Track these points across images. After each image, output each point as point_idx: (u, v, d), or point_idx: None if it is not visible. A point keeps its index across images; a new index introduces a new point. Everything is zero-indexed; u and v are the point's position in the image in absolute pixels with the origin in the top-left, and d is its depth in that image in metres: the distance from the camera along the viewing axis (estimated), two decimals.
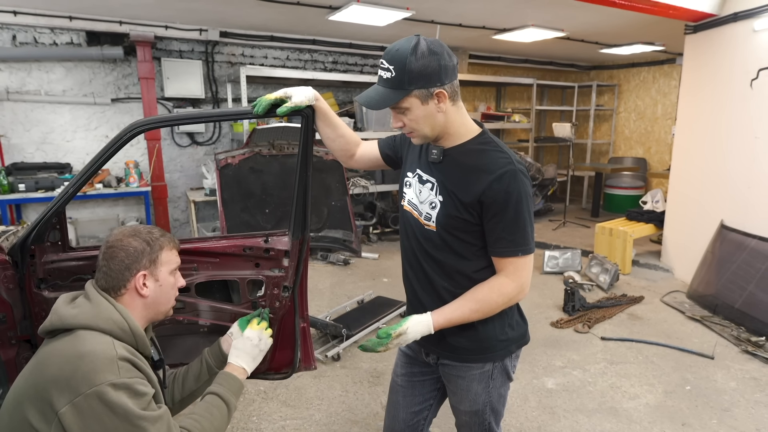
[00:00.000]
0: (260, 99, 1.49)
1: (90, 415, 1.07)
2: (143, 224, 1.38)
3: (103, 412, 1.08)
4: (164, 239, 1.38)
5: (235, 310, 1.86)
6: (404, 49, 1.24)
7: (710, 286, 4.16)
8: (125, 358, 1.16)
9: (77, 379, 1.08)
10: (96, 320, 1.20)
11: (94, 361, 1.11)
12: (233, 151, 3.14)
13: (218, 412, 1.34)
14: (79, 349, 1.13)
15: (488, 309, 1.36)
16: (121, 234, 1.33)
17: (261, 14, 4.78)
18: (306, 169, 1.69)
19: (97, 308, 1.22)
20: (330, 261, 5.29)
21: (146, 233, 1.36)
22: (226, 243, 1.83)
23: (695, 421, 2.66)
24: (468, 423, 1.57)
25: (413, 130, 1.34)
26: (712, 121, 4.49)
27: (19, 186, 4.70)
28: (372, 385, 2.96)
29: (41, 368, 1.15)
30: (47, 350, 1.19)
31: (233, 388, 1.42)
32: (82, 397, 1.07)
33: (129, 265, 1.29)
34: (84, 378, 1.08)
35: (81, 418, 1.07)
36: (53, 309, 1.24)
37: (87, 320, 1.19)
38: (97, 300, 1.24)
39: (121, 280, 1.29)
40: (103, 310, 1.22)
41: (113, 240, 1.32)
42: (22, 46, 4.90)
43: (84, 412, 1.07)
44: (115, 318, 1.23)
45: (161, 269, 1.35)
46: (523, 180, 1.31)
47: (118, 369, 1.12)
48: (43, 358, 1.18)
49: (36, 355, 1.22)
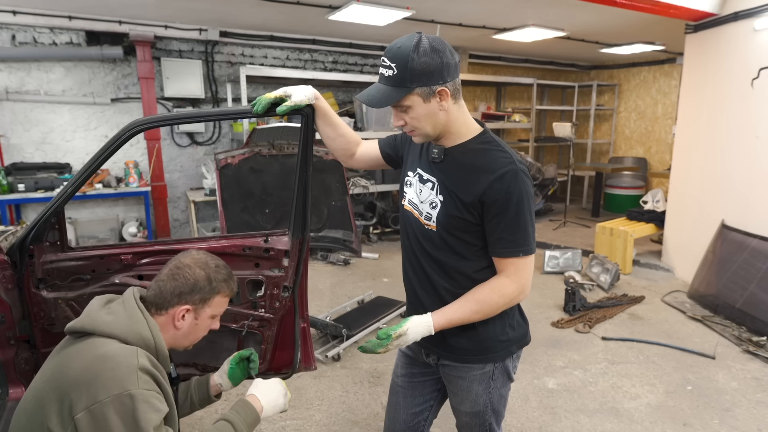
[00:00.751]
0: (260, 98, 1.48)
1: (103, 424, 1.06)
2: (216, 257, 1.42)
3: (116, 421, 1.07)
4: (224, 284, 1.38)
5: (235, 310, 1.86)
6: (406, 46, 1.22)
7: (711, 285, 4.15)
8: (146, 369, 1.16)
9: (97, 386, 1.08)
10: (126, 333, 1.20)
11: (116, 369, 1.11)
12: (233, 151, 3.14)
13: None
14: (102, 355, 1.13)
15: (489, 310, 1.35)
16: (194, 260, 1.36)
17: (261, 14, 4.78)
18: (306, 168, 1.68)
19: (130, 320, 1.21)
20: (330, 261, 5.28)
21: (214, 270, 1.37)
22: (225, 243, 1.82)
23: (696, 422, 2.65)
24: (469, 424, 1.56)
25: (415, 128, 1.33)
26: (712, 121, 4.48)
27: (18, 186, 4.70)
28: (372, 385, 2.95)
29: (63, 370, 1.14)
30: (70, 351, 1.17)
31: (248, 420, 1.36)
32: (98, 405, 1.06)
33: (182, 294, 1.31)
34: (103, 385, 1.08)
35: (95, 425, 1.06)
36: (87, 310, 1.23)
37: (118, 331, 1.19)
38: (133, 311, 1.23)
39: (168, 302, 1.30)
40: (135, 323, 1.22)
41: (185, 262, 1.34)
42: (22, 45, 4.90)
43: (98, 420, 1.06)
44: (145, 335, 1.22)
45: (206, 311, 1.36)
46: (525, 180, 1.30)
47: (137, 380, 1.11)
48: (66, 359, 1.16)
49: (57, 354, 1.20)
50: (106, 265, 1.79)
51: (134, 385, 1.10)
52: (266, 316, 1.86)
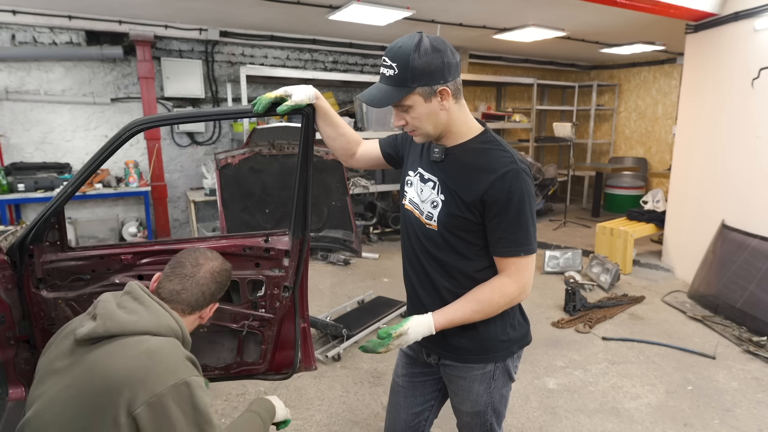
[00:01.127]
0: (260, 98, 1.48)
1: (163, 415, 1.08)
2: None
3: (176, 411, 1.09)
4: None
5: (235, 310, 1.85)
6: (407, 46, 1.22)
7: (711, 285, 4.15)
8: (190, 358, 1.20)
9: (152, 379, 1.08)
10: (157, 328, 1.20)
11: (165, 361, 1.13)
12: (233, 151, 3.13)
13: (256, 428, 1.41)
14: (148, 350, 1.14)
15: (490, 309, 1.35)
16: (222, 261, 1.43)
17: (261, 14, 4.77)
18: (306, 168, 1.68)
19: (155, 315, 1.22)
20: (330, 261, 5.28)
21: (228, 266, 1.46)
22: (226, 243, 1.82)
23: (697, 422, 2.65)
24: (469, 424, 1.56)
25: (416, 128, 1.32)
26: (713, 121, 4.48)
27: (18, 186, 4.69)
28: (373, 385, 2.95)
29: (103, 374, 1.10)
30: (100, 356, 1.13)
31: (270, 413, 1.49)
32: (157, 397, 1.07)
33: (219, 291, 1.40)
34: (159, 377, 1.09)
35: (155, 418, 1.07)
36: (106, 314, 1.18)
37: (149, 326, 1.19)
38: (154, 307, 1.23)
39: (206, 303, 1.36)
40: (161, 318, 1.23)
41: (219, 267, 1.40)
42: (22, 45, 4.89)
43: (158, 412, 1.07)
44: (173, 326, 1.24)
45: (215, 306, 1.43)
46: (526, 179, 1.30)
47: (186, 367, 1.15)
48: (100, 364, 1.12)
49: (79, 363, 1.14)
50: (106, 265, 1.78)
51: (187, 373, 1.14)
52: (266, 316, 1.86)
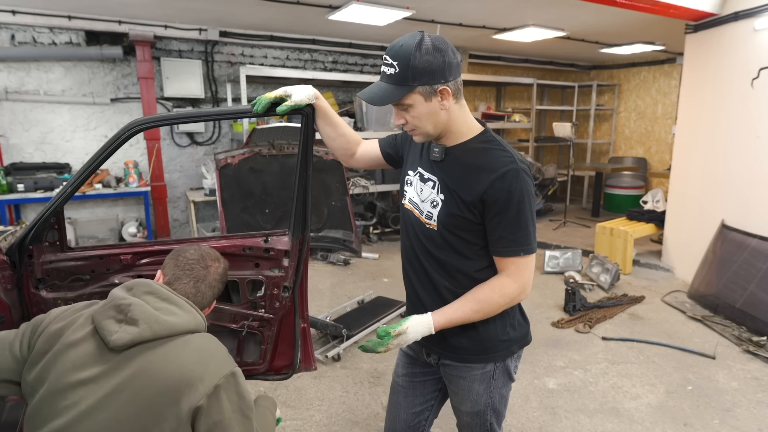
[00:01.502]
0: (260, 98, 1.48)
1: (217, 405, 1.12)
2: None
3: (225, 402, 1.14)
4: None
5: (235, 310, 1.85)
6: (408, 45, 1.22)
7: (711, 285, 4.15)
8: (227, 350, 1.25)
9: (210, 374, 1.13)
10: (196, 325, 1.24)
11: (214, 355, 1.19)
12: (233, 151, 3.13)
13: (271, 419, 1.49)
14: (199, 348, 1.18)
15: (489, 309, 1.35)
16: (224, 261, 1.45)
17: (261, 14, 4.77)
18: (306, 168, 1.68)
19: (191, 314, 1.25)
20: (330, 261, 5.28)
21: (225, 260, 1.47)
22: (225, 243, 1.81)
23: (697, 422, 2.65)
24: (469, 424, 1.56)
25: (416, 127, 1.33)
26: (712, 121, 4.48)
27: (18, 186, 4.69)
28: (372, 385, 2.95)
29: (154, 379, 1.10)
30: (152, 359, 1.12)
31: (273, 408, 1.55)
32: (214, 389, 1.12)
33: (219, 290, 1.42)
34: (214, 372, 1.14)
35: (211, 409, 1.11)
36: (147, 318, 1.14)
37: (189, 326, 1.22)
38: (187, 307, 1.26)
39: (211, 299, 1.39)
40: (194, 316, 1.26)
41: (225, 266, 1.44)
42: (21, 45, 4.89)
43: (215, 401, 1.12)
44: (203, 323, 1.28)
45: None
46: (526, 179, 1.30)
47: (231, 359, 1.22)
48: (153, 367, 1.11)
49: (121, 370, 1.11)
50: (106, 266, 1.78)
51: (234, 365, 1.20)
52: (266, 316, 1.86)
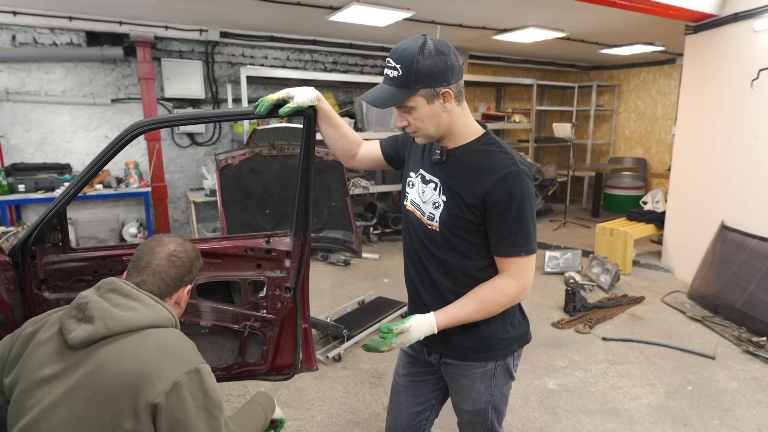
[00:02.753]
0: (262, 99, 1.48)
1: (178, 402, 1.09)
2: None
3: (188, 398, 1.11)
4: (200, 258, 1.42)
5: (237, 311, 1.86)
6: (411, 48, 1.24)
7: (711, 286, 4.16)
8: (194, 345, 1.22)
9: (169, 369, 1.10)
10: (158, 319, 1.21)
11: (177, 351, 1.15)
12: (233, 152, 3.13)
13: (259, 420, 1.46)
14: (159, 342, 1.15)
15: (491, 309, 1.36)
16: (178, 244, 1.35)
17: (261, 14, 4.78)
18: (308, 169, 1.69)
19: (152, 309, 1.21)
20: (330, 262, 5.29)
21: (191, 245, 1.39)
22: (227, 244, 1.82)
23: (697, 422, 2.66)
24: (470, 422, 1.57)
25: (418, 129, 1.34)
26: (712, 122, 4.48)
27: (18, 187, 4.69)
28: (373, 386, 2.96)
29: (110, 375, 1.09)
30: (108, 354, 1.11)
31: (270, 406, 1.54)
32: (174, 386, 1.09)
33: (184, 276, 1.33)
34: (174, 367, 1.11)
35: (171, 405, 1.08)
36: (102, 314, 1.14)
37: (149, 320, 1.19)
38: (148, 301, 1.23)
39: (173, 288, 1.31)
40: (158, 310, 1.22)
41: (175, 250, 1.33)
42: (22, 46, 4.90)
43: (173, 400, 1.09)
44: (169, 316, 1.25)
45: (188, 288, 1.38)
46: (527, 181, 1.32)
47: (196, 355, 1.18)
48: (109, 362, 1.10)
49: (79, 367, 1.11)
50: (108, 266, 1.79)
51: (197, 360, 1.17)
52: (268, 316, 1.87)
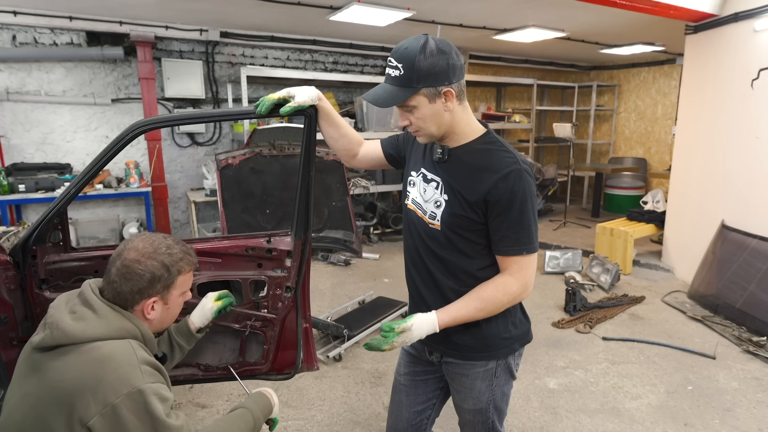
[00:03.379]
0: (263, 99, 1.48)
1: (118, 425, 1.05)
2: (161, 236, 1.32)
3: (131, 419, 1.06)
4: (183, 263, 1.30)
5: (238, 310, 1.86)
6: (413, 47, 1.24)
7: (711, 286, 4.16)
8: (146, 361, 1.15)
9: (104, 389, 1.06)
10: (108, 331, 1.15)
11: (117, 369, 1.09)
12: (234, 152, 3.13)
13: (245, 426, 1.36)
14: (100, 357, 1.10)
15: (493, 308, 1.36)
16: (140, 253, 1.24)
17: (261, 14, 4.78)
18: (309, 169, 1.68)
19: (105, 319, 1.16)
20: (331, 261, 5.29)
21: (166, 253, 1.27)
22: (228, 243, 1.82)
23: (697, 421, 2.66)
24: (471, 421, 1.57)
25: (420, 128, 1.34)
26: (712, 121, 4.49)
27: (19, 186, 4.69)
28: (374, 385, 2.96)
29: (57, 384, 1.08)
30: (56, 365, 1.10)
31: (264, 409, 1.46)
32: (110, 407, 1.05)
33: (142, 290, 1.23)
34: (111, 386, 1.06)
35: (110, 428, 1.05)
36: (54, 323, 1.13)
37: (98, 333, 1.14)
38: (103, 310, 1.18)
39: (130, 301, 1.23)
40: (111, 321, 1.17)
41: (131, 259, 1.23)
42: (22, 46, 4.89)
43: (112, 422, 1.05)
44: (128, 327, 1.19)
45: (173, 293, 1.30)
46: (528, 180, 1.32)
47: (141, 374, 1.10)
48: (55, 373, 1.10)
49: (35, 372, 1.12)
50: None
51: (140, 380, 1.09)
52: (269, 316, 1.87)
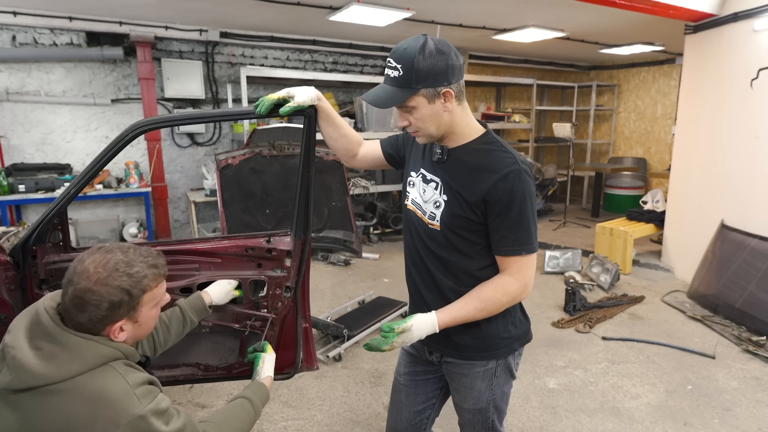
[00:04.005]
0: (263, 99, 1.48)
1: None
2: (119, 250, 1.15)
3: None
4: (147, 280, 1.15)
5: (238, 310, 1.86)
6: (412, 48, 1.24)
7: (711, 285, 4.16)
8: (138, 382, 1.08)
9: (101, 425, 1.01)
10: (86, 365, 1.05)
11: (113, 402, 1.03)
12: (234, 152, 3.14)
13: (246, 415, 1.36)
14: (89, 398, 1.02)
15: (493, 308, 1.37)
16: (92, 280, 1.08)
17: (261, 14, 4.78)
18: (308, 169, 1.69)
19: (79, 353, 1.05)
20: (331, 261, 5.29)
21: (124, 274, 1.11)
22: (228, 243, 1.82)
23: (697, 421, 2.66)
24: (471, 421, 1.57)
25: (419, 129, 1.34)
26: (712, 121, 4.49)
27: (19, 187, 4.70)
28: (374, 385, 2.96)
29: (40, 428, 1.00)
30: (35, 408, 1.01)
31: (263, 398, 1.45)
32: None
33: (103, 318, 1.09)
34: (109, 421, 1.01)
35: None
36: (18, 365, 1.01)
37: (76, 370, 1.04)
38: (72, 344, 1.06)
39: (93, 330, 1.10)
40: (86, 352, 1.06)
41: (81, 289, 1.07)
42: (22, 46, 4.90)
43: None
44: (104, 352, 1.09)
45: (142, 311, 1.16)
46: (528, 180, 1.32)
47: (138, 400, 1.05)
48: (36, 417, 1.01)
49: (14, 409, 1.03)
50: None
51: (138, 407, 1.04)
52: (268, 316, 1.87)
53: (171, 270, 1.81)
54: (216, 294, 1.71)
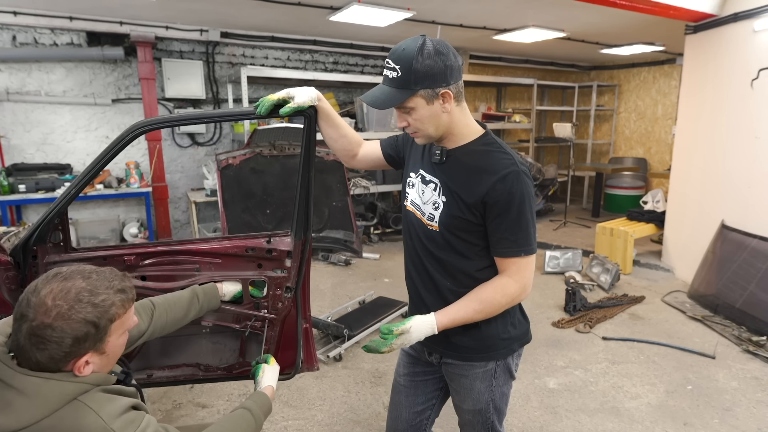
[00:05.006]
0: (263, 99, 1.49)
1: None
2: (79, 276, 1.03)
3: None
4: (115, 308, 1.03)
5: (238, 310, 1.86)
6: (410, 49, 1.24)
7: (711, 285, 4.16)
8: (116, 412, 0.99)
9: None
10: (49, 408, 0.94)
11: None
12: (234, 152, 3.14)
13: (246, 426, 1.33)
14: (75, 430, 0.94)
15: (492, 309, 1.37)
16: (51, 315, 0.95)
17: (262, 15, 4.78)
18: (309, 169, 1.69)
19: (39, 397, 0.94)
20: (331, 261, 5.29)
21: (89, 304, 0.99)
22: (228, 243, 1.83)
23: (697, 421, 2.66)
24: (471, 422, 1.57)
25: (418, 129, 1.34)
26: (712, 121, 4.49)
27: (19, 187, 4.70)
28: (374, 385, 2.96)
29: None
30: None
31: (264, 408, 1.41)
32: None
33: (66, 354, 0.97)
34: None
35: None
36: None
37: (39, 415, 0.93)
38: (30, 388, 0.94)
39: (54, 368, 0.98)
40: (48, 394, 0.95)
41: (39, 325, 0.94)
42: (22, 46, 4.90)
43: None
44: (70, 390, 0.98)
45: (110, 340, 1.04)
46: (526, 181, 1.32)
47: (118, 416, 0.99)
48: None
49: None
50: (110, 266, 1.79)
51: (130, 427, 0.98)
52: (269, 316, 1.87)
53: (171, 270, 1.82)
54: (228, 290, 1.76)
